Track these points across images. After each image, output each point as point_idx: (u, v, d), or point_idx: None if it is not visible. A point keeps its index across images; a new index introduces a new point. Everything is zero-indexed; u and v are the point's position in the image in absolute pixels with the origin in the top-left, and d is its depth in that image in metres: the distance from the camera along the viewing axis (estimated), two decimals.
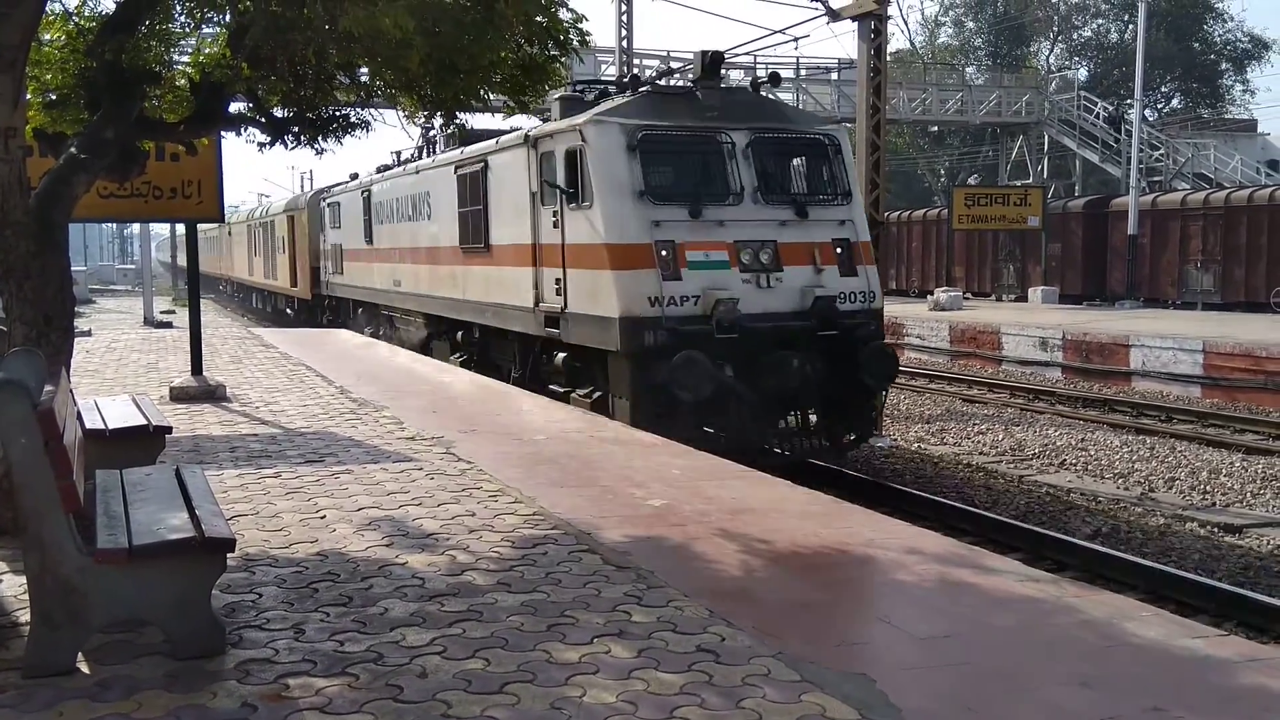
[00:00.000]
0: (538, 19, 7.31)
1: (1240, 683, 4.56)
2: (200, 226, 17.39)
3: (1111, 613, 5.38)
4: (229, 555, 5.02)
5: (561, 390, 14.06)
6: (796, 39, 48.60)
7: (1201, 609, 8.54)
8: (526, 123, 15.50)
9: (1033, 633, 5.17)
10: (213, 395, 12.81)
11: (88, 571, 4.59)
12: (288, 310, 35.71)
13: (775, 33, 25.77)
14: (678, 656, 4.77)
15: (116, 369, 16.09)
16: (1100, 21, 58.32)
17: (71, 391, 6.46)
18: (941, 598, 5.70)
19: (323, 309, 30.21)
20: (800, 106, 33.90)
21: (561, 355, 14.15)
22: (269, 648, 4.89)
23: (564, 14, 7.46)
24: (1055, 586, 5.83)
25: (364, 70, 7.98)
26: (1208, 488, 13.57)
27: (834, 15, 21.71)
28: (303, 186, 54.35)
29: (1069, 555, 10.14)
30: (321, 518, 7.23)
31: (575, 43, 7.74)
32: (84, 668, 4.67)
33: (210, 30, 8.02)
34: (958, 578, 5.97)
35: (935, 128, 53.32)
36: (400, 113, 8.61)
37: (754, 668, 4.65)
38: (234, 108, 8.37)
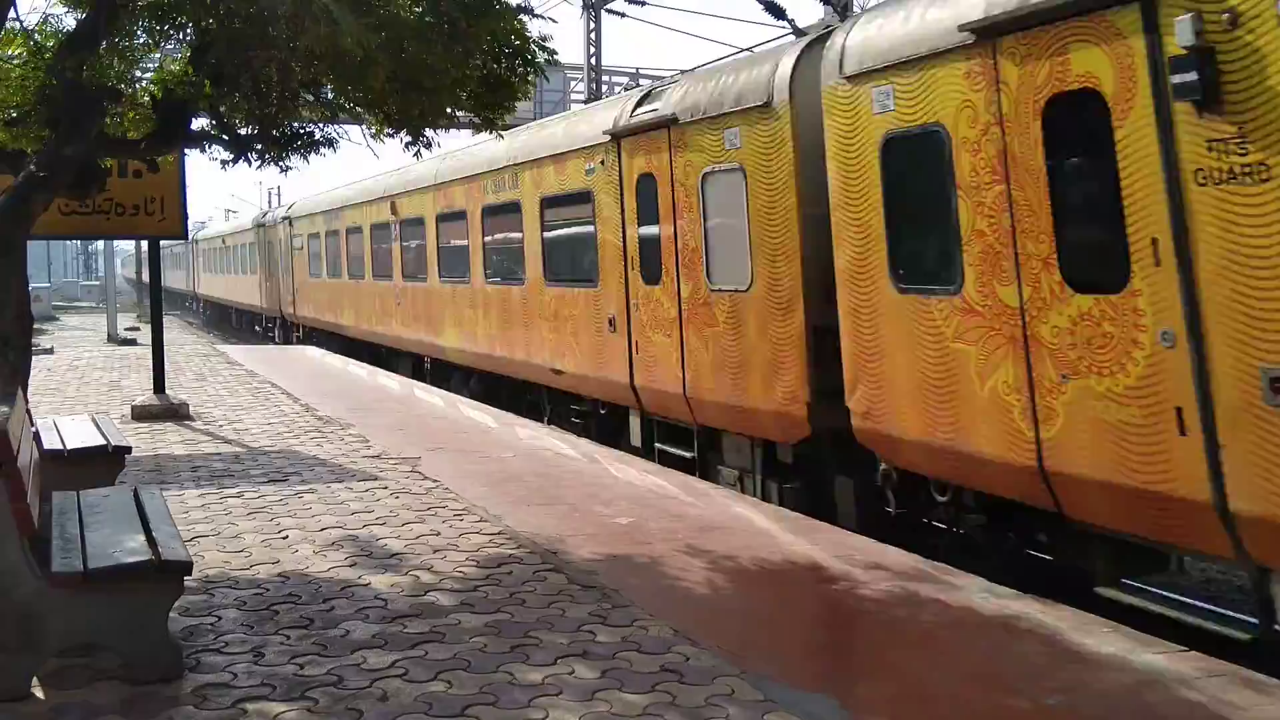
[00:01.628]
0: (504, 35, 7.31)
1: (1198, 697, 4.59)
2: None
3: (1072, 628, 5.41)
4: (187, 577, 4.96)
5: None
6: None
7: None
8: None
9: (996, 649, 5.18)
10: (175, 414, 12.68)
11: (43, 595, 4.52)
12: None
13: (743, 51, 25.91)
14: (642, 676, 4.75)
15: (78, 387, 15.92)
16: None
17: (29, 412, 6.38)
18: (905, 614, 5.71)
19: None
20: None
21: None
22: (228, 671, 4.83)
23: (530, 30, 7.46)
24: (1019, 602, 5.86)
25: (328, 88, 7.95)
26: None
27: (800, 34, 21.82)
28: (270, 203, 53.88)
29: None
30: (284, 538, 7.16)
31: (542, 60, 7.75)
32: (39, 693, 4.59)
33: (172, 47, 7.98)
34: (922, 594, 5.98)
35: None
36: (365, 130, 8.58)
37: (718, 687, 4.64)
38: (197, 125, 8.32)
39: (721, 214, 9.42)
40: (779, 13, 12.73)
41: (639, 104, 10.91)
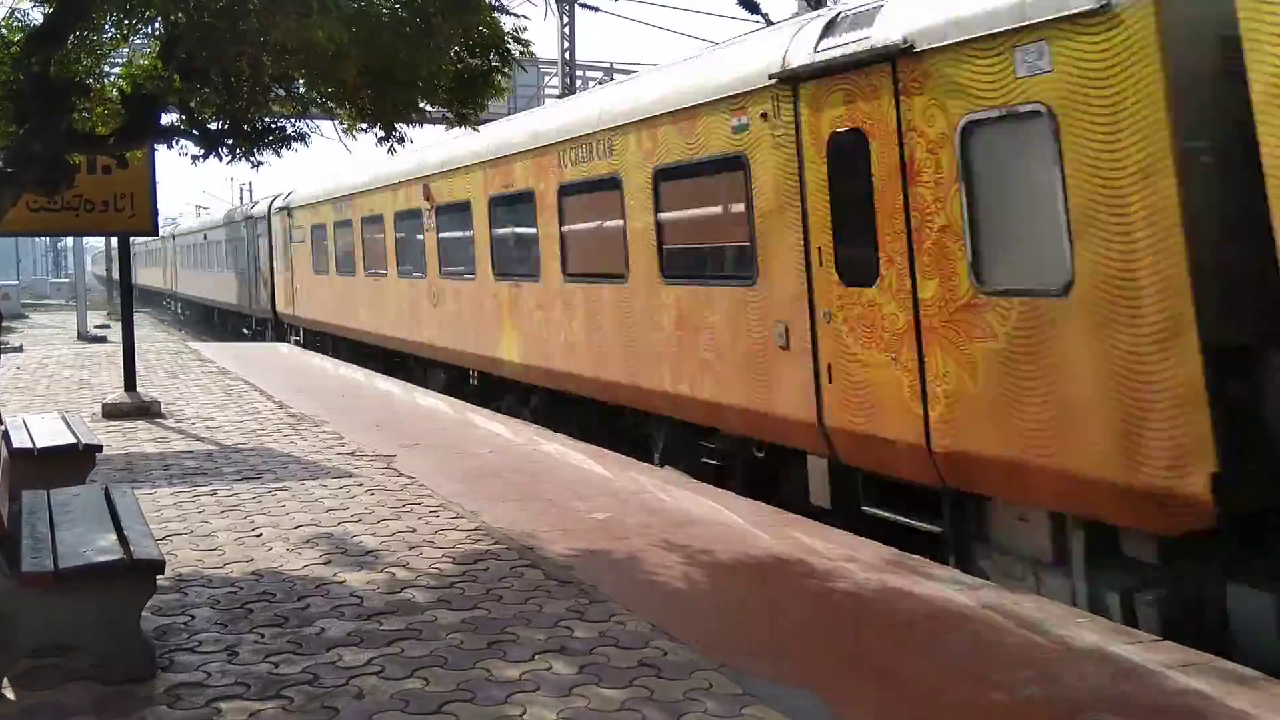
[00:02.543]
0: (478, 29, 7.27)
1: (1173, 688, 4.62)
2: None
3: (1047, 619, 5.44)
4: (160, 576, 4.92)
5: None
6: None
7: None
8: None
9: (973, 640, 5.21)
10: (147, 411, 12.56)
11: (13, 595, 4.47)
12: None
13: (717, 45, 25.87)
14: (619, 672, 4.74)
15: (48, 385, 15.75)
16: None
17: None
18: (882, 606, 5.73)
19: None
20: None
21: None
22: (201, 671, 4.78)
23: (505, 23, 7.42)
24: (994, 593, 5.89)
25: (300, 82, 7.88)
26: None
27: (769, 24, 21.85)
28: (241, 199, 53.42)
29: None
30: (258, 536, 7.11)
31: (516, 53, 7.71)
32: (9, 694, 4.54)
33: (141, 42, 7.89)
34: (898, 586, 6.00)
35: None
36: (338, 124, 8.52)
37: (696, 681, 4.63)
38: (166, 120, 8.24)
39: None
40: (753, 7, 12.72)
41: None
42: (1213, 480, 5.32)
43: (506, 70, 7.78)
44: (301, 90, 8.03)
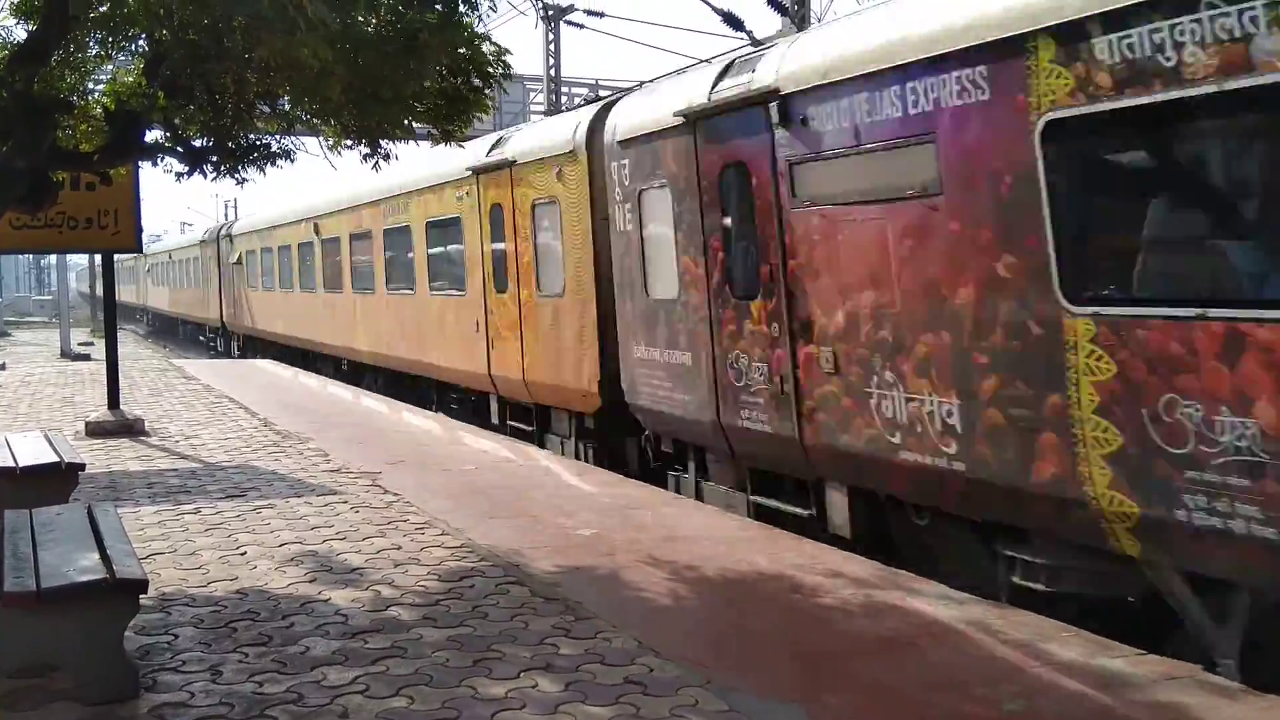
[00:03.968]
0: (460, 50, 7.29)
1: (1157, 701, 4.64)
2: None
3: (1032, 634, 5.45)
4: (143, 596, 4.89)
5: None
6: None
7: None
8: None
9: (958, 654, 5.22)
10: (131, 430, 12.50)
11: None
12: None
13: (702, 62, 25.98)
14: (605, 689, 4.73)
15: (30, 403, 15.66)
16: None
17: None
18: (867, 622, 5.73)
19: None
20: None
21: None
22: (185, 690, 4.75)
23: (487, 47, 7.44)
24: (978, 607, 5.90)
25: (285, 99, 7.88)
26: None
27: (757, 44, 21.97)
28: (226, 215, 53.27)
29: None
30: (242, 554, 7.08)
31: (499, 74, 7.73)
32: None
33: (125, 59, 7.87)
34: (884, 600, 6.01)
35: None
36: (323, 142, 8.52)
37: (682, 698, 4.63)
38: (151, 137, 8.21)
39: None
40: (737, 24, 12.82)
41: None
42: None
43: (488, 90, 7.79)
44: (286, 107, 8.03)
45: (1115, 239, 5.77)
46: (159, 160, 8.31)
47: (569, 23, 28.18)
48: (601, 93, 31.20)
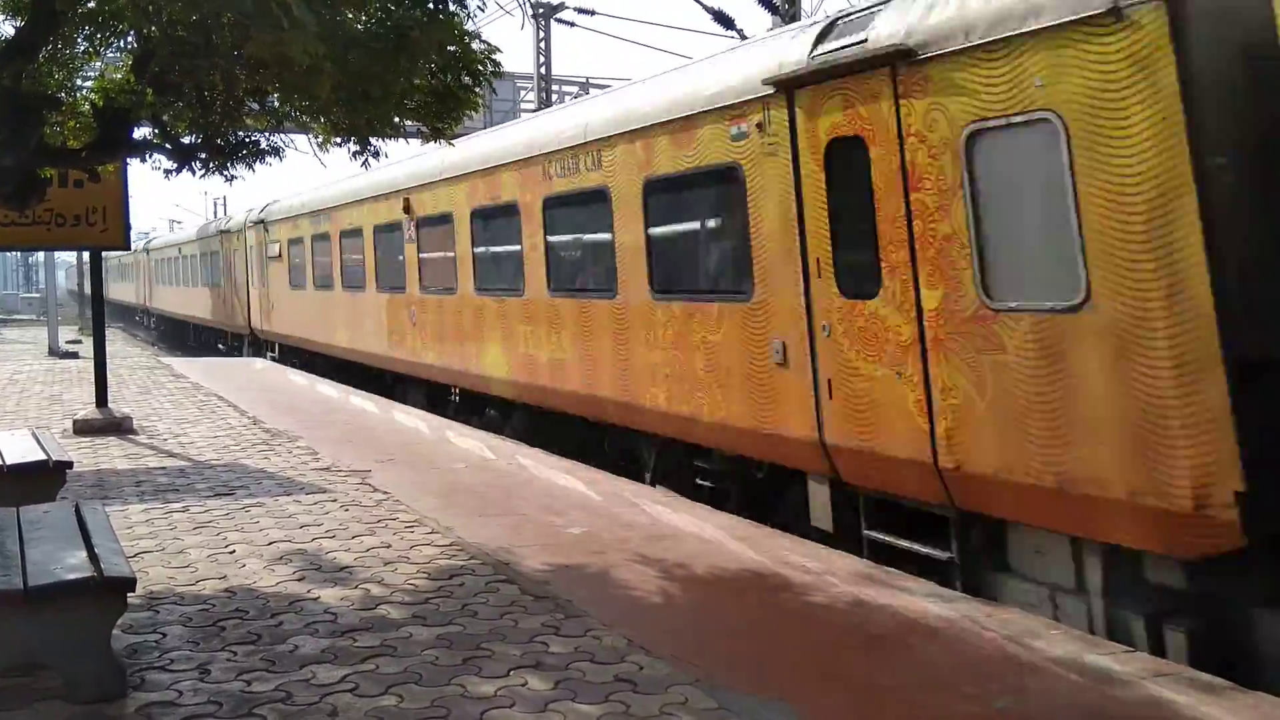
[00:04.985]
0: (450, 48, 7.27)
1: (1145, 698, 4.65)
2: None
3: (1021, 631, 5.47)
4: (131, 594, 4.87)
5: None
6: None
7: None
8: None
9: (947, 652, 5.23)
10: (119, 428, 12.45)
11: None
12: None
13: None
14: (595, 687, 4.73)
15: (18, 401, 15.59)
16: None
17: None
18: (856, 619, 5.74)
19: None
20: None
21: None
22: (173, 690, 4.74)
23: (477, 45, 7.42)
24: (967, 605, 5.91)
25: (274, 96, 7.86)
26: None
27: (743, 39, 21.99)
28: (215, 213, 53.03)
29: None
30: (231, 553, 7.05)
31: (489, 72, 7.72)
32: None
33: (114, 56, 7.85)
34: (874, 598, 6.02)
35: None
36: (312, 139, 8.50)
37: (672, 696, 4.63)
38: (139, 134, 8.20)
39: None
40: (727, 22, 12.82)
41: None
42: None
43: (477, 88, 7.79)
44: (276, 104, 8.01)
45: None
46: (147, 157, 8.31)
47: (560, 21, 28.18)
48: (592, 90, 31.12)
